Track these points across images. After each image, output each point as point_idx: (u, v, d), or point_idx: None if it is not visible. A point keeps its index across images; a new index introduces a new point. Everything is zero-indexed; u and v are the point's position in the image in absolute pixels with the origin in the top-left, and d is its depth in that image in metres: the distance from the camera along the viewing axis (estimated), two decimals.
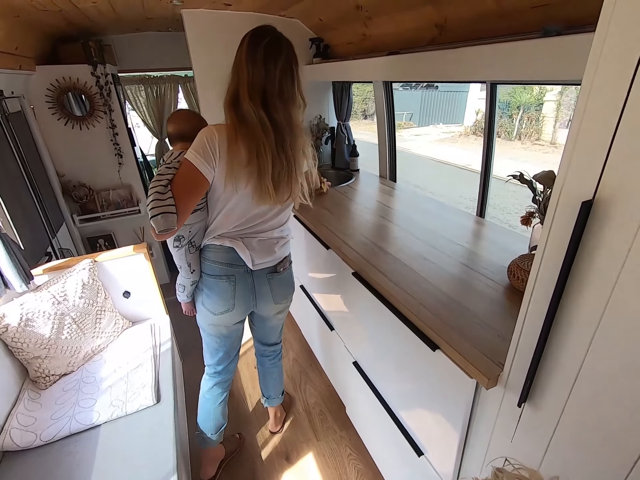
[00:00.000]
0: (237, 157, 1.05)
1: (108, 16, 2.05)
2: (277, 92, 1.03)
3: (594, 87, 0.51)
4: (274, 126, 1.05)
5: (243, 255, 1.22)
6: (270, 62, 1.01)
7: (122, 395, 1.47)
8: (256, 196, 1.12)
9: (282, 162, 1.09)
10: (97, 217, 2.74)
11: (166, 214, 1.01)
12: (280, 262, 1.33)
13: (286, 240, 1.34)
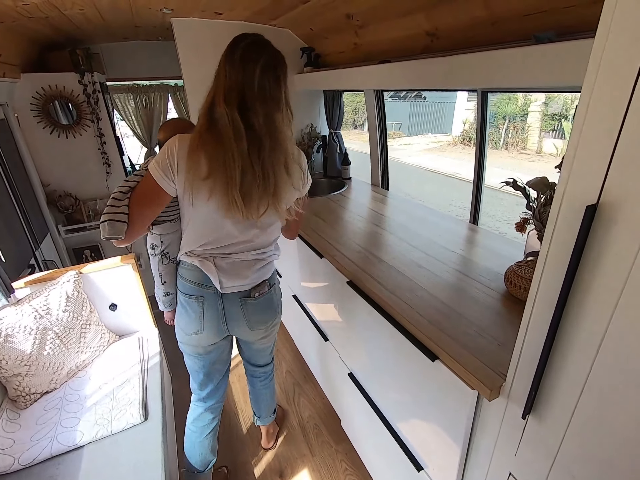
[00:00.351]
0: (195, 168, 0.94)
1: (96, 24, 2.03)
2: (257, 94, 0.91)
3: (596, 90, 0.50)
4: (249, 131, 0.93)
5: (211, 277, 1.12)
6: (250, 62, 0.91)
7: (107, 414, 1.40)
8: (222, 209, 0.99)
9: (254, 171, 0.95)
10: (84, 227, 2.67)
11: (113, 222, 0.97)
12: (256, 287, 1.19)
13: (266, 263, 1.20)
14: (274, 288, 1.27)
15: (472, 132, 11.04)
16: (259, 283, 1.20)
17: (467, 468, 0.97)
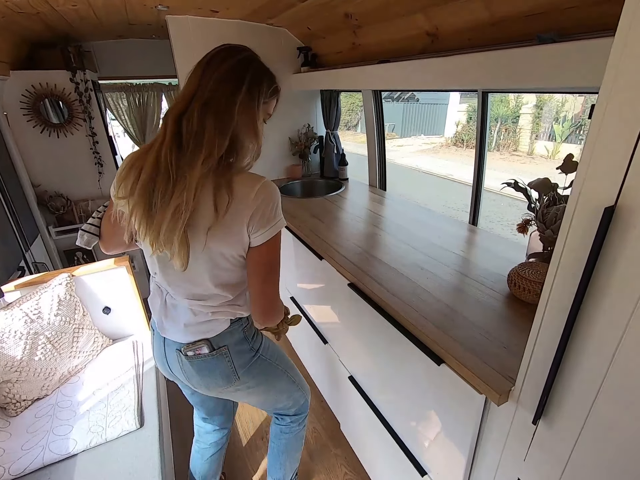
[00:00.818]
0: (122, 184, 0.80)
1: (89, 21, 1.98)
2: (202, 102, 0.75)
3: (615, 88, 0.49)
4: (175, 137, 0.75)
5: (152, 308, 1.03)
6: (210, 68, 0.77)
7: (101, 420, 1.36)
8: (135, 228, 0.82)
9: (166, 190, 0.75)
10: (75, 228, 2.60)
11: (83, 232, 1.00)
12: (192, 344, 0.95)
13: (209, 318, 0.94)
14: (221, 353, 0.96)
15: (464, 134, 11.13)
16: (194, 341, 0.95)
17: (472, 473, 0.96)
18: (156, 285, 1.02)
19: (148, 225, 0.78)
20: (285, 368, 1.15)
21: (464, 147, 10.87)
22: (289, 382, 1.18)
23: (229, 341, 0.98)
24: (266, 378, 1.08)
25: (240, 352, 1.00)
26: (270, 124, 0.95)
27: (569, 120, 9.11)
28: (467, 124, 11.07)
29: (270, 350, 1.10)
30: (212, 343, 0.96)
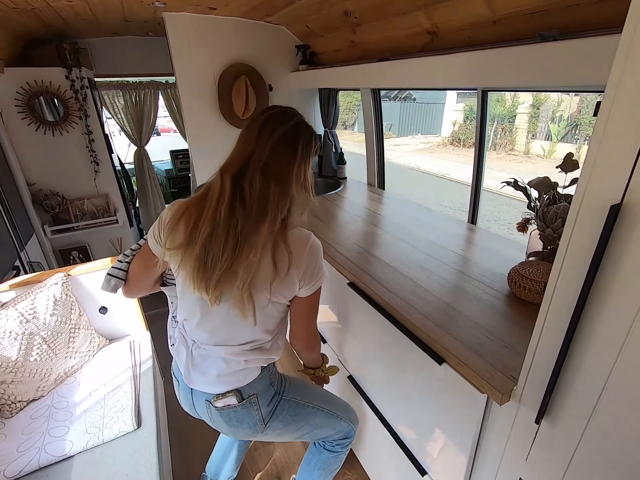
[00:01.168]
0: (172, 232, 0.84)
1: (85, 17, 1.96)
2: (261, 165, 0.79)
3: (622, 85, 0.48)
4: (235, 200, 0.78)
5: (179, 365, 1.03)
6: (266, 132, 0.80)
7: (98, 422, 1.35)
8: (187, 282, 0.84)
9: (224, 246, 0.78)
10: (71, 227, 2.58)
11: (109, 277, 1.00)
12: (221, 395, 0.96)
13: (241, 368, 0.95)
14: (250, 402, 0.98)
15: (461, 133, 11.16)
16: (225, 393, 0.96)
17: (473, 472, 0.96)
18: (182, 335, 1.02)
19: (203, 280, 0.81)
20: (318, 403, 1.14)
21: (461, 146, 10.90)
22: (326, 417, 1.16)
23: (258, 389, 0.99)
24: (293, 418, 1.07)
25: (267, 399, 1.01)
26: None
27: (564, 120, 9.17)
28: (464, 123, 11.10)
29: (297, 390, 1.11)
30: (242, 393, 0.97)
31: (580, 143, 8.71)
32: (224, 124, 2.41)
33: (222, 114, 2.37)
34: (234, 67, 2.29)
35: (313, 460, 1.31)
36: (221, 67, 2.27)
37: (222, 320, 0.91)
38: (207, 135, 2.40)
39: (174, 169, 4.73)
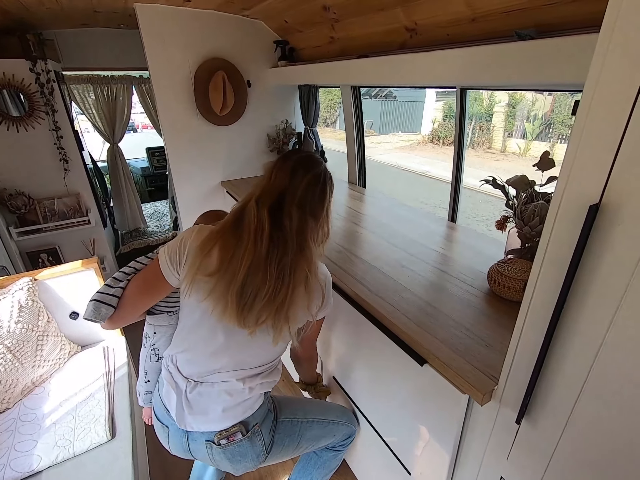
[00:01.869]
0: (203, 259, 0.84)
1: (49, 6, 1.85)
2: (297, 200, 0.85)
3: (600, 84, 0.48)
4: (276, 231, 0.82)
5: (169, 408, 0.96)
6: (299, 171, 0.86)
7: (69, 434, 1.28)
8: (217, 310, 0.85)
9: (267, 273, 0.82)
10: (39, 229, 2.45)
11: (99, 303, 0.87)
12: (225, 431, 0.94)
13: (247, 397, 0.96)
14: (254, 433, 0.97)
15: (440, 131, 11.32)
16: (230, 427, 0.95)
17: (456, 472, 0.96)
18: (170, 374, 0.97)
19: (239, 308, 0.83)
20: (312, 416, 1.14)
21: (440, 144, 11.06)
22: (322, 427, 1.16)
23: (260, 418, 1.00)
24: (291, 439, 1.07)
25: (267, 427, 1.02)
26: (247, 119, 0.95)
27: (539, 119, 9.44)
28: (443, 121, 11.27)
29: (288, 408, 1.11)
30: (247, 424, 0.97)
31: (554, 141, 9.00)
32: (200, 120, 2.34)
33: (199, 110, 2.30)
34: (211, 62, 2.22)
35: (313, 459, 1.30)
36: (197, 61, 2.20)
37: (243, 345, 0.94)
38: (183, 132, 2.33)
39: (151, 166, 4.60)
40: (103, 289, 0.90)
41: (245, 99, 2.39)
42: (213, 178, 2.55)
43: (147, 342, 1.07)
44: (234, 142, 2.51)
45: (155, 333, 1.04)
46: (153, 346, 1.06)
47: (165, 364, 1.02)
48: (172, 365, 0.99)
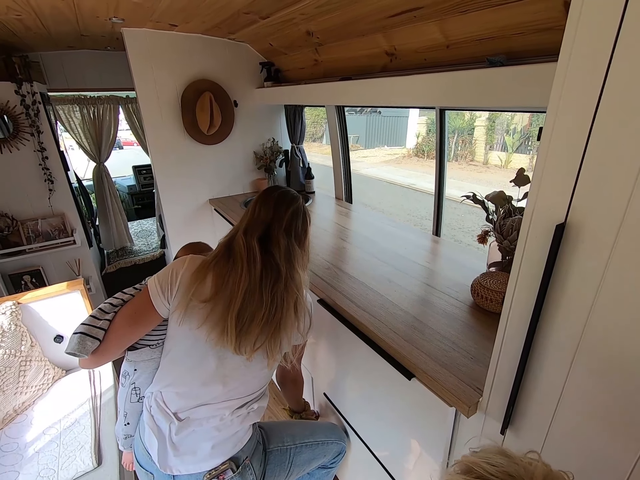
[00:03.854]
0: (197, 286, 0.86)
1: (36, 32, 1.87)
2: (283, 229, 0.91)
3: (560, 113, 0.52)
4: (267, 257, 0.88)
5: (150, 449, 0.91)
6: (282, 204, 0.94)
7: (53, 463, 1.25)
8: (214, 335, 0.86)
9: (262, 300, 0.86)
10: (22, 250, 2.41)
11: (84, 336, 0.85)
12: (214, 470, 0.90)
13: (237, 430, 0.94)
14: (245, 468, 0.94)
15: (424, 145, 11.61)
16: (218, 465, 0.91)
17: None
18: (152, 415, 0.93)
19: (234, 333, 0.85)
20: (300, 440, 1.13)
21: (425, 157, 11.32)
22: (312, 449, 1.15)
23: (250, 451, 0.97)
24: (281, 467, 1.06)
25: (258, 459, 0.99)
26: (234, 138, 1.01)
27: (518, 132, 9.79)
28: (427, 135, 11.57)
29: (276, 435, 1.09)
30: (237, 460, 0.93)
31: (533, 153, 9.31)
32: (187, 139, 2.36)
33: (186, 129, 2.33)
34: (197, 83, 2.26)
35: (305, 479, 1.28)
36: (184, 83, 2.24)
37: (236, 372, 0.94)
38: (170, 151, 2.34)
39: (137, 184, 4.58)
40: (89, 321, 0.88)
41: (232, 119, 2.43)
42: (201, 196, 2.56)
43: (125, 380, 1.02)
44: (222, 161, 2.53)
45: (136, 370, 1.00)
46: (133, 385, 1.01)
47: (147, 405, 0.97)
48: (154, 404, 0.94)
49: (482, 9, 1.04)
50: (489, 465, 0.41)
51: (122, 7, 1.56)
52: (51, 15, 1.61)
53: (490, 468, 0.41)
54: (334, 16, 1.44)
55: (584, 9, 0.46)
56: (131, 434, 1.06)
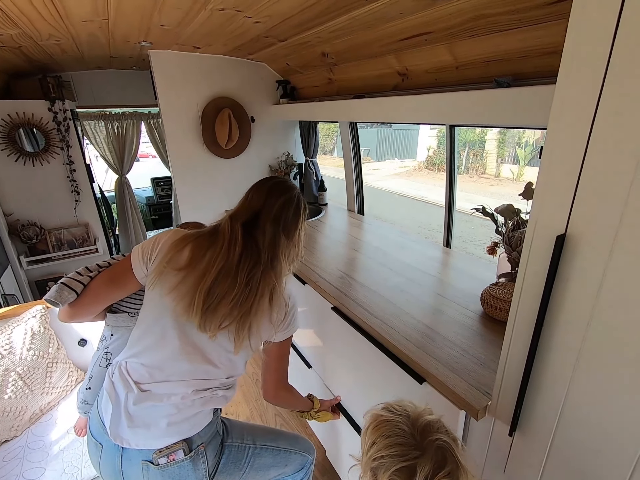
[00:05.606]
0: (174, 255, 0.88)
1: (70, 54, 2.02)
2: (271, 218, 0.90)
3: (559, 133, 0.57)
4: (248, 242, 0.88)
5: (104, 417, 0.88)
6: (274, 193, 0.93)
7: (77, 460, 1.30)
8: (181, 306, 0.86)
9: (236, 282, 0.85)
10: (48, 258, 2.53)
11: (63, 286, 0.88)
12: (165, 449, 0.86)
13: (197, 412, 0.90)
14: (198, 454, 0.89)
15: (435, 158, 11.66)
16: (171, 444, 0.86)
17: None
18: (114, 379, 0.91)
19: (203, 308, 0.84)
20: (262, 442, 1.07)
21: (436, 170, 11.37)
22: (272, 455, 1.09)
23: (206, 437, 0.92)
24: (237, 465, 1.00)
25: (214, 449, 0.94)
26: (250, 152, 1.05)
27: (530, 145, 9.77)
28: (438, 148, 11.64)
29: (236, 431, 1.04)
30: (190, 443, 0.89)
31: None
32: (207, 153, 2.47)
33: (206, 144, 2.44)
34: (217, 100, 2.38)
35: None
36: (205, 100, 2.36)
37: (201, 351, 0.91)
38: (190, 164, 2.46)
39: (155, 195, 4.74)
40: (72, 275, 0.93)
41: (249, 133, 2.54)
42: (218, 207, 2.66)
43: (101, 345, 1.04)
44: (238, 173, 2.64)
45: (112, 335, 1.02)
46: (106, 349, 1.02)
47: (110, 373, 0.95)
48: (117, 372, 0.92)
49: (489, 33, 1.10)
50: (397, 405, 0.69)
51: (152, 32, 1.68)
52: (87, 41, 1.74)
53: (397, 406, 0.69)
54: (348, 39, 1.53)
55: (579, 36, 0.52)
56: (89, 400, 1.06)
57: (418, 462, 0.58)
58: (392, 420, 0.65)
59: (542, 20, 0.96)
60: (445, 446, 0.61)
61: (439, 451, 0.60)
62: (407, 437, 0.62)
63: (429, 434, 0.62)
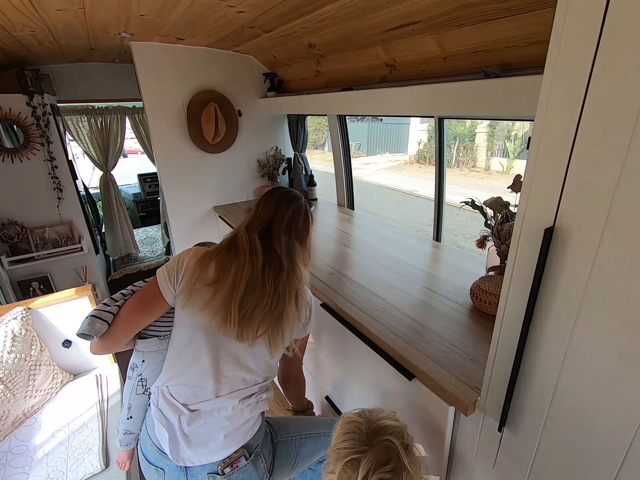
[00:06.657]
0: (201, 272, 0.90)
1: (48, 46, 1.95)
2: (284, 228, 0.95)
3: (546, 124, 0.56)
4: (268, 251, 0.92)
5: (162, 444, 0.92)
6: (284, 203, 0.97)
7: (61, 465, 1.27)
8: (216, 320, 0.89)
9: (265, 289, 0.90)
10: (31, 257, 2.46)
11: (94, 319, 0.89)
12: (228, 459, 0.91)
13: (248, 418, 0.95)
14: (257, 456, 0.96)
15: (426, 152, 11.69)
16: (232, 454, 0.92)
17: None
18: (161, 407, 0.94)
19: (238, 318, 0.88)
20: (304, 432, 1.14)
21: (427, 164, 11.39)
22: (314, 441, 1.16)
23: (260, 439, 0.99)
24: (287, 458, 1.07)
25: (267, 448, 1.01)
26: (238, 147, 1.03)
27: (519, 138, 9.84)
28: (428, 142, 11.65)
29: (282, 427, 1.12)
30: (249, 448, 0.95)
31: None
32: (193, 148, 2.42)
33: (191, 138, 2.39)
34: (203, 94, 2.32)
35: (308, 475, 1.26)
36: (190, 93, 2.30)
37: (238, 360, 0.95)
38: (176, 160, 2.40)
39: (142, 192, 4.65)
40: (100, 307, 0.93)
41: (236, 128, 2.49)
42: (206, 203, 2.61)
43: (133, 373, 1.03)
44: (226, 169, 2.59)
45: (144, 361, 1.01)
46: (140, 376, 1.02)
47: (155, 400, 0.97)
48: (162, 398, 0.95)
49: (475, 23, 1.08)
50: (369, 410, 0.80)
51: (132, 22, 1.62)
52: (64, 31, 1.68)
53: (367, 411, 0.79)
54: (335, 30, 1.50)
55: (566, 25, 0.50)
56: (132, 430, 1.06)
57: (363, 456, 0.69)
58: (355, 421, 0.77)
59: (528, 9, 0.95)
60: (392, 447, 0.70)
61: (386, 450, 0.70)
62: (361, 435, 0.73)
63: (380, 435, 0.72)
